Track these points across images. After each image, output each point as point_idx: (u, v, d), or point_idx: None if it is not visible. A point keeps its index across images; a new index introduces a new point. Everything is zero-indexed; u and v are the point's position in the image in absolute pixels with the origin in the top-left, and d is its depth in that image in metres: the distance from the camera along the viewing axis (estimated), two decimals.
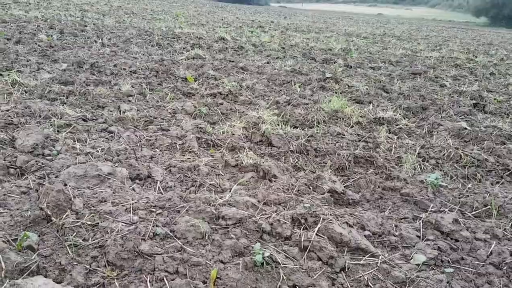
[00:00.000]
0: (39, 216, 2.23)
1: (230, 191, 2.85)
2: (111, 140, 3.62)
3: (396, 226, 2.67)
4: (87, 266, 1.99)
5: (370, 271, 2.21)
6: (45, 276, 1.90)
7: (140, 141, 3.68)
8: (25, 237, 2.03)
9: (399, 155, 3.96)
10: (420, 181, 3.44)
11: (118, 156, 3.28)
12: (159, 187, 2.90)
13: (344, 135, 4.38)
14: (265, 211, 2.60)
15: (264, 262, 2.05)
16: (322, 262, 2.22)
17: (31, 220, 2.22)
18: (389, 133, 4.67)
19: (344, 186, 3.23)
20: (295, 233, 2.38)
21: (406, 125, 4.90)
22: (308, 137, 4.21)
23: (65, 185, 2.60)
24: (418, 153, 4.02)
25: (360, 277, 2.17)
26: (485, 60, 12.31)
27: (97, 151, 3.29)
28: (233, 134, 4.11)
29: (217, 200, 2.64)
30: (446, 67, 10.30)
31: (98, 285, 1.91)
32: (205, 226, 2.32)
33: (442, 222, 2.67)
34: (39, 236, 2.14)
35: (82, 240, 2.14)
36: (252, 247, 2.20)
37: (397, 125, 4.87)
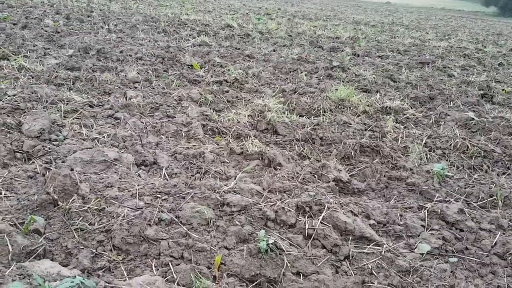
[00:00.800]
0: (46, 200, 2.25)
1: (235, 179, 2.86)
2: (117, 126, 3.63)
3: (401, 215, 2.67)
4: (93, 250, 2.01)
5: (374, 260, 2.21)
6: (52, 260, 1.92)
7: (146, 128, 3.69)
8: (32, 221, 2.05)
9: (406, 144, 3.95)
10: (426, 171, 3.43)
11: (124, 142, 3.29)
12: (164, 173, 2.91)
13: (350, 124, 4.36)
14: (270, 198, 2.61)
15: (268, 249, 2.06)
16: (326, 250, 2.23)
17: (37, 204, 2.24)
18: (396, 122, 4.64)
19: (350, 175, 3.22)
20: (300, 221, 2.39)
21: (413, 115, 4.87)
22: (314, 125, 4.19)
23: (72, 170, 2.62)
24: (425, 143, 4.00)
25: (364, 265, 2.18)
26: (494, 50, 12.16)
27: (103, 137, 3.31)
28: (239, 122, 4.10)
29: (222, 187, 2.65)
30: (455, 57, 10.19)
31: (104, 269, 1.93)
32: (210, 213, 2.33)
33: (447, 212, 2.66)
34: (45, 220, 2.16)
35: (89, 225, 2.16)
36: (257, 234, 2.21)
37: (404, 114, 4.84)
